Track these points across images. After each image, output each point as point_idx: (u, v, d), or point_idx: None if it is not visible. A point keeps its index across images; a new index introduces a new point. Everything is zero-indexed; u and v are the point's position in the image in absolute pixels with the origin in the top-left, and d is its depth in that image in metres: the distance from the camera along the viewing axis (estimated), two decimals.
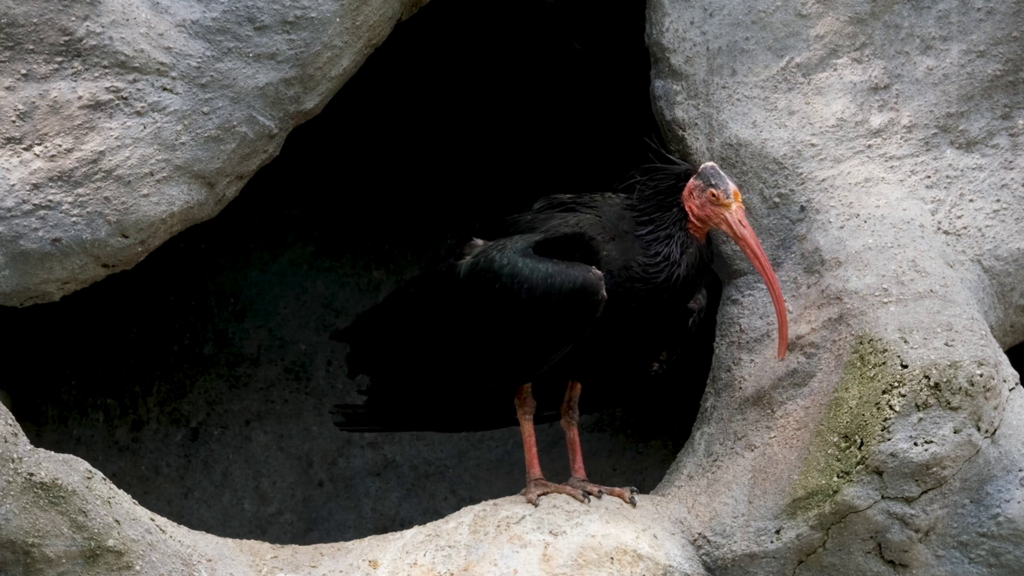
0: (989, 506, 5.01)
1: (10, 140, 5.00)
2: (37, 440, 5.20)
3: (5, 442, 4.64)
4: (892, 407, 4.90)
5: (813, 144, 5.36)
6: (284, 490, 6.69)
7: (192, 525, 5.31)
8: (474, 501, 5.20)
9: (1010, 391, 5.02)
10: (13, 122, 5.00)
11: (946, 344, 4.96)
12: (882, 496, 4.92)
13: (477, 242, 5.20)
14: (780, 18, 5.38)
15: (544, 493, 5.16)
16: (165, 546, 4.85)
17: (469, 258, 5.14)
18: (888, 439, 4.89)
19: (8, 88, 5.00)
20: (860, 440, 4.92)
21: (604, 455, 6.75)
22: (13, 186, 5.00)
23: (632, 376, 5.36)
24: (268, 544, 5.14)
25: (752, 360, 5.32)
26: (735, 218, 5.02)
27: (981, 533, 5.02)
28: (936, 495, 4.93)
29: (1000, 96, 5.40)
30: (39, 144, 5.01)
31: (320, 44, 5.18)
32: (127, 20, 5.04)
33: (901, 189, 5.35)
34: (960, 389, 4.89)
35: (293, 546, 5.17)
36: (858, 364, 4.99)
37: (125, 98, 5.05)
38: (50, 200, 5.01)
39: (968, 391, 4.89)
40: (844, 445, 4.94)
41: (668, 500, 5.27)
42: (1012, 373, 5.09)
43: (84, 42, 5.01)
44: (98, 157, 5.04)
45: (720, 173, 5.02)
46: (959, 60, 5.39)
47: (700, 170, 5.04)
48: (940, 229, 5.33)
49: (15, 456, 4.64)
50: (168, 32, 5.08)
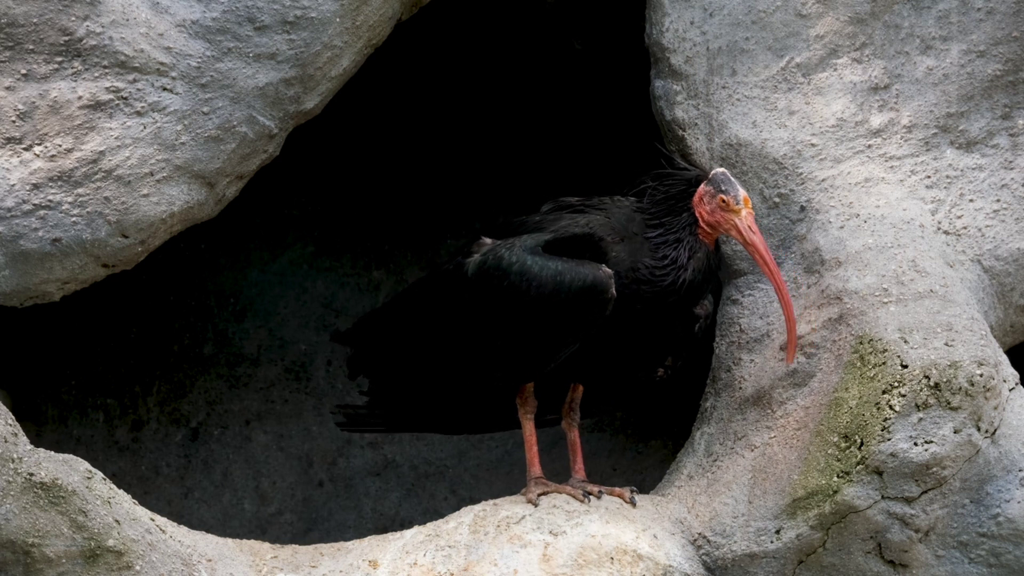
0: (989, 506, 5.01)
1: (10, 140, 5.00)
2: (37, 440, 5.20)
3: (5, 442, 4.64)
4: (892, 407, 4.90)
5: (813, 144, 5.36)
6: (284, 490, 6.69)
7: (192, 525, 5.31)
8: (474, 501, 5.20)
9: (1010, 391, 5.02)
10: (13, 122, 5.00)
11: (946, 344, 4.95)
12: (882, 496, 4.92)
13: (486, 240, 5.20)
14: (780, 18, 5.38)
15: (544, 493, 5.16)
16: (165, 546, 4.85)
17: (478, 256, 5.13)
18: (888, 439, 4.89)
19: (8, 88, 5.00)
20: (860, 440, 4.92)
21: (604, 455, 6.74)
22: (13, 186, 4.99)
23: (635, 380, 5.36)
24: (268, 544, 5.14)
25: (752, 360, 5.32)
26: (745, 224, 5.02)
27: (981, 533, 5.02)
28: (936, 495, 4.93)
29: (1000, 96, 5.40)
30: (39, 144, 5.01)
31: (320, 44, 5.18)
32: (127, 20, 5.04)
33: (901, 189, 5.35)
34: (960, 389, 4.89)
35: (293, 546, 5.16)
36: (858, 364, 4.99)
37: (125, 98, 5.05)
38: (50, 200, 5.01)
39: (968, 391, 4.89)
40: (844, 445, 4.94)
41: (668, 500, 5.27)
42: (1012, 373, 5.08)
43: (84, 42, 5.01)
44: (98, 157, 5.04)
45: (730, 179, 5.03)
46: (959, 60, 5.39)
47: (710, 176, 5.05)
48: (940, 229, 5.33)
49: (15, 456, 4.64)
50: (168, 32, 5.08)
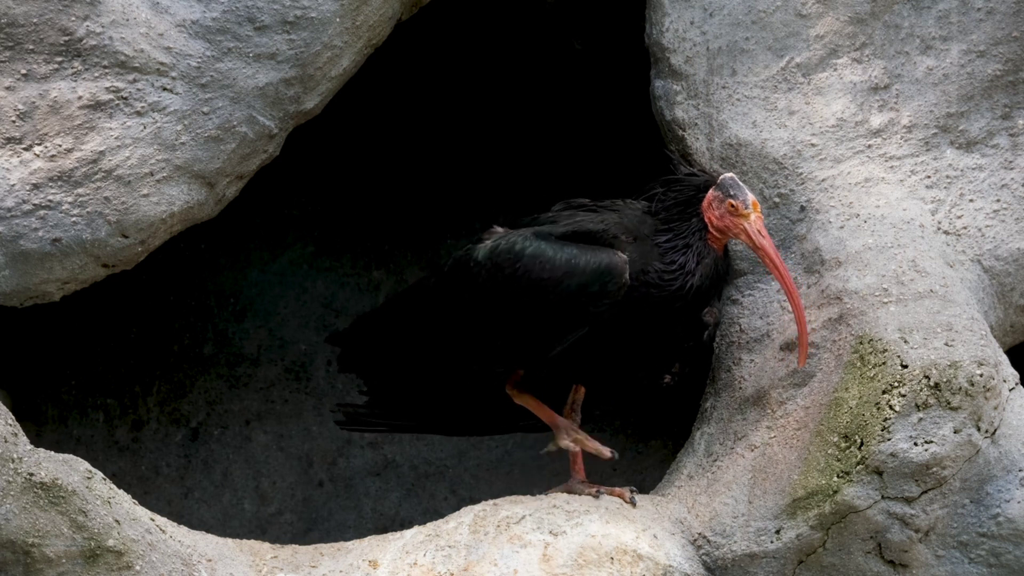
0: (989, 506, 5.01)
1: (10, 140, 5.00)
2: (37, 440, 5.20)
3: (5, 442, 4.64)
4: (892, 407, 4.90)
5: (813, 144, 5.36)
6: (284, 490, 6.69)
7: (192, 525, 5.31)
8: (474, 501, 5.20)
9: (1010, 391, 5.02)
10: (13, 122, 5.00)
11: (946, 344, 4.95)
12: (882, 496, 4.92)
13: (497, 229, 5.20)
14: (780, 18, 5.38)
15: (577, 438, 5.18)
16: (165, 546, 4.85)
17: (489, 241, 5.13)
18: (888, 439, 4.89)
19: (8, 88, 5.00)
20: (860, 440, 4.92)
21: None
22: (13, 186, 5.00)
23: (638, 382, 5.36)
24: (268, 544, 5.14)
25: (752, 360, 5.32)
26: (754, 228, 5.03)
27: (981, 533, 5.02)
28: (936, 495, 4.93)
29: (1000, 96, 5.40)
30: (39, 144, 5.01)
31: (320, 44, 5.18)
32: (127, 20, 5.04)
33: (901, 189, 5.35)
34: (960, 389, 4.89)
35: (293, 546, 5.16)
36: (858, 364, 4.99)
37: (125, 98, 5.05)
38: (50, 200, 5.01)
39: (968, 391, 4.89)
40: (844, 445, 4.94)
41: (668, 500, 5.27)
42: (1012, 373, 5.09)
43: (84, 42, 5.01)
44: (98, 157, 5.04)
45: (739, 184, 5.05)
46: (959, 60, 5.39)
47: (719, 181, 5.06)
48: (940, 229, 5.33)
49: (15, 456, 4.64)
50: (168, 32, 5.08)
